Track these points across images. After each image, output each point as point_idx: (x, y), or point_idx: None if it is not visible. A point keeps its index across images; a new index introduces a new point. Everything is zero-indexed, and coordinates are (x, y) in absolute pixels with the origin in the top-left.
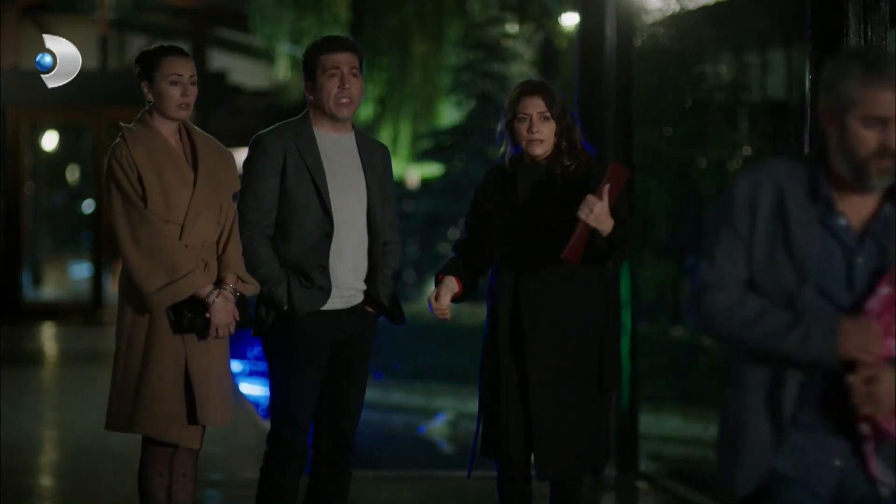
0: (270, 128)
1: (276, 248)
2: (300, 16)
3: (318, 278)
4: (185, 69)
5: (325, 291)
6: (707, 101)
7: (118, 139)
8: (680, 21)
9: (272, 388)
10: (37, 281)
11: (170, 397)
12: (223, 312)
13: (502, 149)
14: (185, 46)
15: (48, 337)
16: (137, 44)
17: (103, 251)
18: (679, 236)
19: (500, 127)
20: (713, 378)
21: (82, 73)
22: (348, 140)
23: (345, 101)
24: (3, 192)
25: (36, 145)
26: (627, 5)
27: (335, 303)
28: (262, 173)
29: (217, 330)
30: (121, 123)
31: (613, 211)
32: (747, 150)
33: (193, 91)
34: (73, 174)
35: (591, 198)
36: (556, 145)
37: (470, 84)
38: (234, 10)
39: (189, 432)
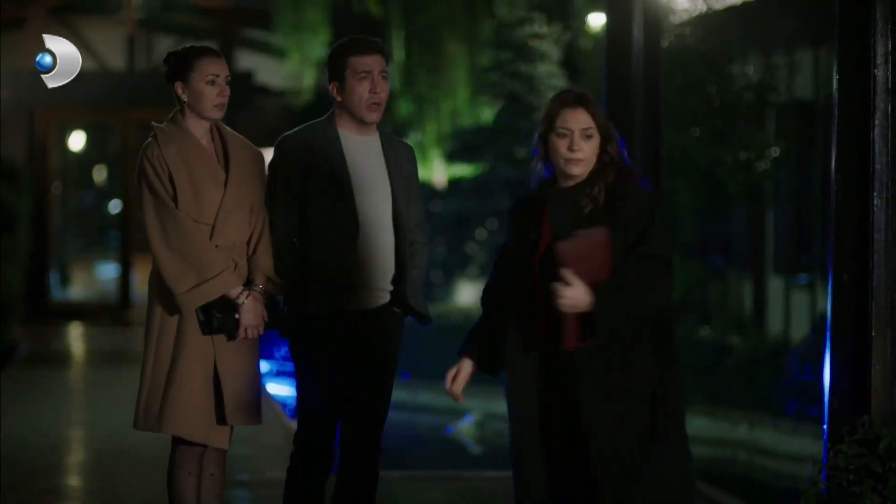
0: (295, 129)
1: (301, 249)
2: (325, 15)
3: (343, 279)
4: (220, 69)
5: (351, 292)
6: (734, 102)
7: (150, 139)
8: (707, 21)
9: (298, 389)
10: (64, 281)
11: (199, 397)
12: (252, 313)
13: (536, 164)
14: (212, 46)
15: (76, 337)
16: (165, 44)
17: (131, 251)
18: (706, 236)
19: (533, 141)
20: (740, 378)
21: (110, 74)
22: (373, 141)
23: (375, 104)
24: (32, 193)
25: (63, 146)
26: (655, 5)
27: (361, 303)
28: (286, 175)
29: (246, 331)
30: (153, 123)
31: (606, 282)
32: (775, 151)
33: (228, 91)
34: (100, 174)
35: (554, 287)
36: (598, 163)
37: (498, 84)
38: (260, 10)
39: (218, 432)
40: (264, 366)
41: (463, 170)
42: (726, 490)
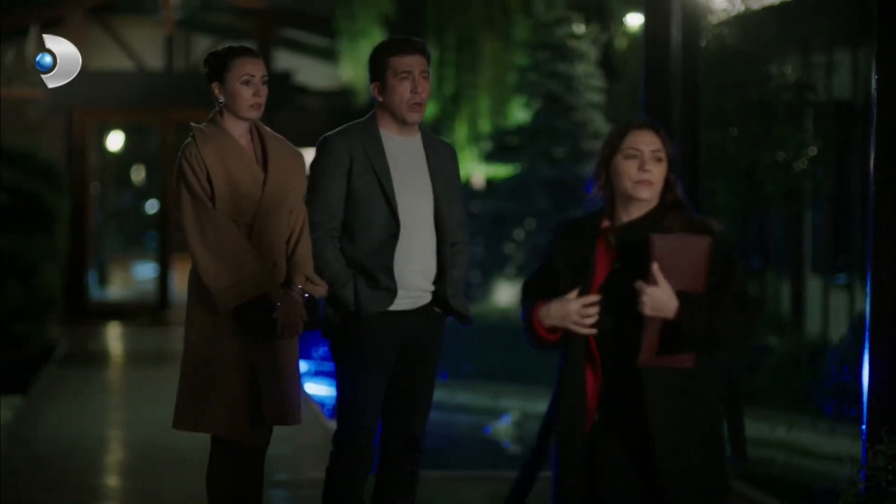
0: (337, 129)
1: (342, 249)
2: (369, 15)
3: (383, 279)
4: (256, 69)
5: (392, 292)
6: (772, 102)
7: (188, 139)
8: (745, 21)
9: (339, 389)
10: (103, 281)
11: (237, 397)
12: (290, 314)
13: (596, 193)
14: (250, 46)
15: (114, 337)
16: (203, 44)
17: (169, 251)
18: (744, 237)
19: (591, 170)
20: (778, 379)
21: (148, 74)
22: (415, 141)
23: (416, 104)
24: (70, 193)
25: (102, 146)
26: (693, 5)
27: (402, 303)
28: (328, 175)
29: (284, 331)
30: (191, 124)
31: (697, 294)
32: (813, 151)
33: (264, 91)
34: (138, 174)
35: (640, 285)
36: (667, 193)
37: (536, 84)
38: (298, 10)
39: (256, 432)
40: (302, 366)
41: (501, 170)
42: (765, 490)
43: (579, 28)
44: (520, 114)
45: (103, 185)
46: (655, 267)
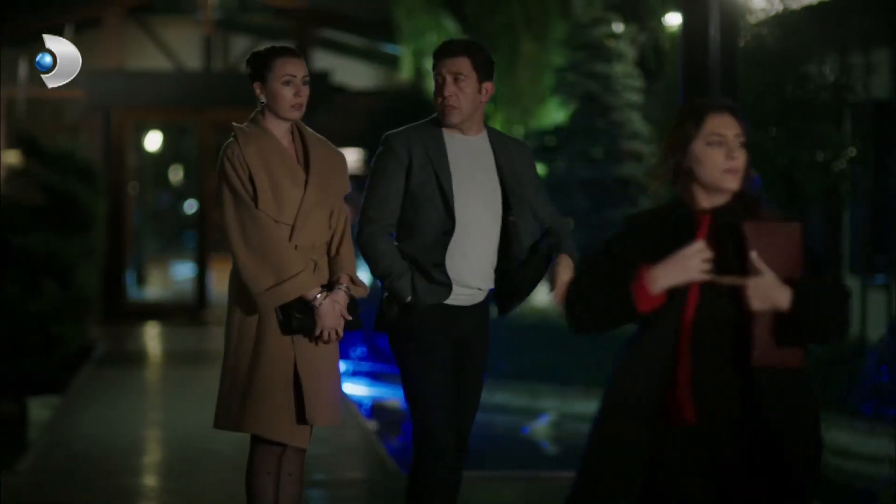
0: (401, 128)
1: (399, 244)
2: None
3: (437, 275)
4: (297, 70)
5: (446, 287)
6: (811, 101)
7: (230, 139)
8: (784, 21)
9: (405, 384)
10: (141, 281)
11: (278, 397)
12: (331, 315)
13: (677, 188)
14: (291, 46)
15: (152, 337)
16: (241, 44)
17: (207, 251)
18: None
19: (666, 161)
20: (816, 379)
21: (186, 74)
22: (479, 140)
23: (449, 106)
24: (108, 193)
25: (140, 145)
26: (731, 5)
27: (457, 299)
28: (387, 172)
29: (324, 332)
30: (233, 123)
31: (790, 279)
32: (851, 151)
33: (306, 91)
34: (176, 174)
35: (742, 280)
36: (747, 182)
37: (574, 84)
38: (336, 10)
39: (297, 432)
40: (342, 366)
41: (539, 170)
42: None
43: (617, 28)
44: (557, 114)
45: (141, 185)
46: (755, 255)
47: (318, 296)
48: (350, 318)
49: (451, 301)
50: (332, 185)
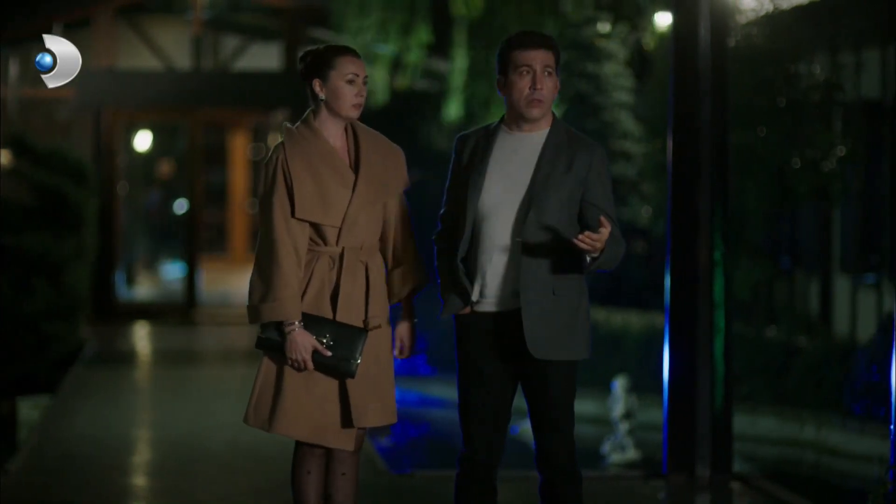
0: (473, 128)
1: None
2: (389, 16)
3: (461, 278)
4: (360, 69)
5: (465, 293)
6: (801, 101)
7: (280, 141)
8: (774, 21)
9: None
10: (130, 281)
11: (314, 399)
12: (295, 350)
13: None
14: (278, 46)
15: (142, 336)
16: (231, 44)
17: (196, 251)
18: (773, 237)
19: None
20: (807, 378)
21: (176, 74)
22: (536, 137)
23: (536, 100)
24: (98, 192)
25: (130, 145)
26: (722, 5)
27: (484, 305)
28: (453, 173)
29: (289, 360)
30: (284, 124)
31: None
32: (841, 150)
33: (365, 92)
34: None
35: None
36: None
37: (565, 84)
38: (327, 9)
39: (340, 434)
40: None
41: None
42: (794, 490)
43: (607, 28)
44: None
45: (131, 185)
46: None
47: (292, 326)
48: (329, 354)
49: (479, 307)
50: (385, 184)
